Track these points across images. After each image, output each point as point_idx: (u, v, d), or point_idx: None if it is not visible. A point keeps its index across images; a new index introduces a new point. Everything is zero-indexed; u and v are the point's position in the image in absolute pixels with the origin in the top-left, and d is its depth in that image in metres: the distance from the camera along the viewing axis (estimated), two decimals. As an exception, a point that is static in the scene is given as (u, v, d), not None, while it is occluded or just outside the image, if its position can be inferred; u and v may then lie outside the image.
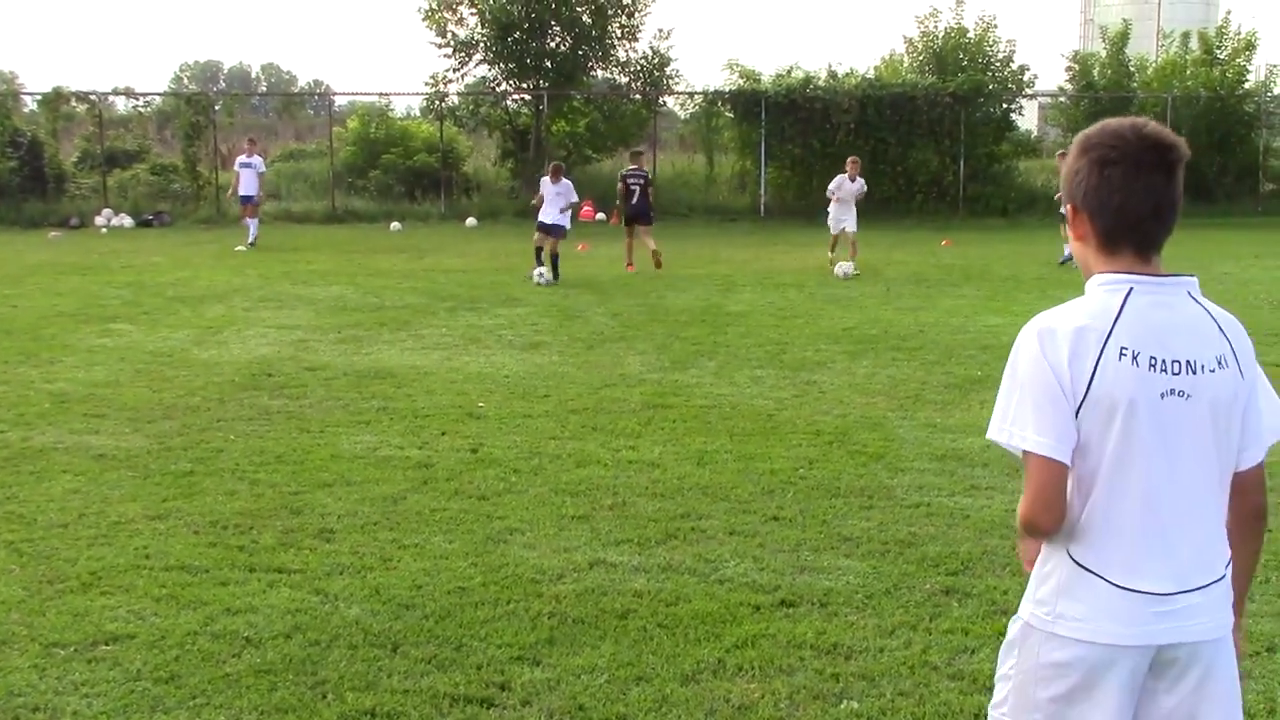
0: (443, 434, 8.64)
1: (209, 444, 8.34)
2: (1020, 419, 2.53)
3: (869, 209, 33.06)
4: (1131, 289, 2.53)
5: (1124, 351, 2.48)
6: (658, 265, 18.69)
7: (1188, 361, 2.51)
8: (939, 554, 6.09)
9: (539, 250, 18.35)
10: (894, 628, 5.18)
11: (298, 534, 6.42)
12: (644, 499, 7.07)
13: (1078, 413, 2.49)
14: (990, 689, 4.58)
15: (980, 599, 5.49)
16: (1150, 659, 2.59)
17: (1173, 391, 2.49)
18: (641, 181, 20.04)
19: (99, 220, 30.16)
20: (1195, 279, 2.60)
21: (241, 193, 25.09)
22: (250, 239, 24.27)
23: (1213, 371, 2.53)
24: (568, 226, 18.73)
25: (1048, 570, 2.66)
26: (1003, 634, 5.05)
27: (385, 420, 9.08)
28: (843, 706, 4.49)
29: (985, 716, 4.39)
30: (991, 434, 2.59)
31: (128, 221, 30.28)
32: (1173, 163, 2.55)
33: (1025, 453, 2.54)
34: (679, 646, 4.99)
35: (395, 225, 29.58)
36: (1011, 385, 2.56)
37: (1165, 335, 2.51)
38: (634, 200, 19.47)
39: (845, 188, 20.42)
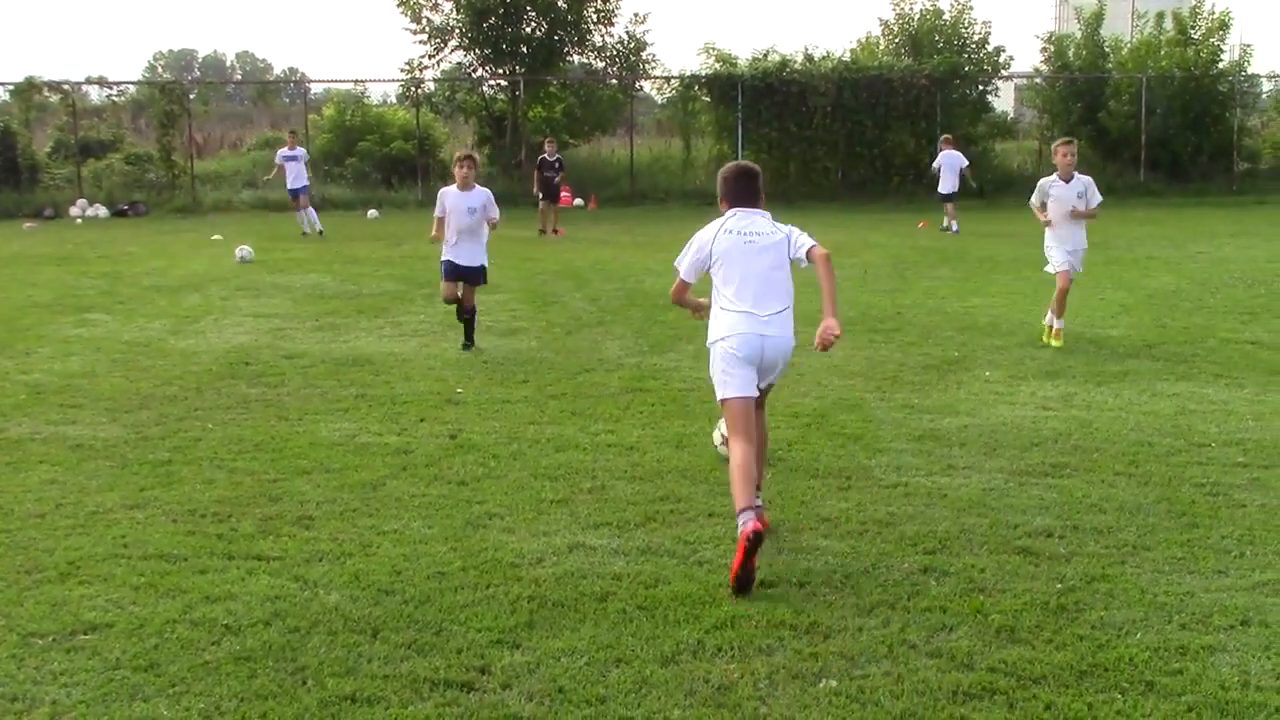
0: (421, 420, 8.64)
1: (186, 433, 8.32)
2: (683, 261, 6.22)
3: (845, 193, 33.23)
4: (735, 213, 6.19)
5: (726, 230, 6.12)
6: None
7: (756, 232, 6.09)
8: (917, 533, 6.12)
9: (457, 306, 11.62)
10: (872, 606, 5.21)
11: (276, 521, 6.41)
12: (623, 482, 7.09)
13: (710, 258, 6.09)
14: (969, 665, 4.64)
15: (958, 577, 5.52)
16: (760, 347, 5.92)
17: (749, 242, 6.04)
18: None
19: (74, 211, 30.00)
20: (767, 213, 6.24)
21: (291, 186, 24.79)
22: (317, 228, 24.05)
23: (769, 234, 6.10)
24: (486, 264, 11.74)
25: (713, 317, 6.08)
26: (981, 611, 5.14)
27: (363, 407, 9.07)
28: (821, 685, 4.51)
29: (961, 689, 4.44)
30: (675, 263, 6.29)
31: (103, 212, 30.13)
32: (751, 175, 6.35)
33: (677, 274, 6.26)
34: (658, 628, 5.01)
35: (372, 212, 29.48)
36: (685, 249, 6.23)
37: (747, 226, 6.12)
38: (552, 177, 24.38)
39: (1059, 194, 11.60)
